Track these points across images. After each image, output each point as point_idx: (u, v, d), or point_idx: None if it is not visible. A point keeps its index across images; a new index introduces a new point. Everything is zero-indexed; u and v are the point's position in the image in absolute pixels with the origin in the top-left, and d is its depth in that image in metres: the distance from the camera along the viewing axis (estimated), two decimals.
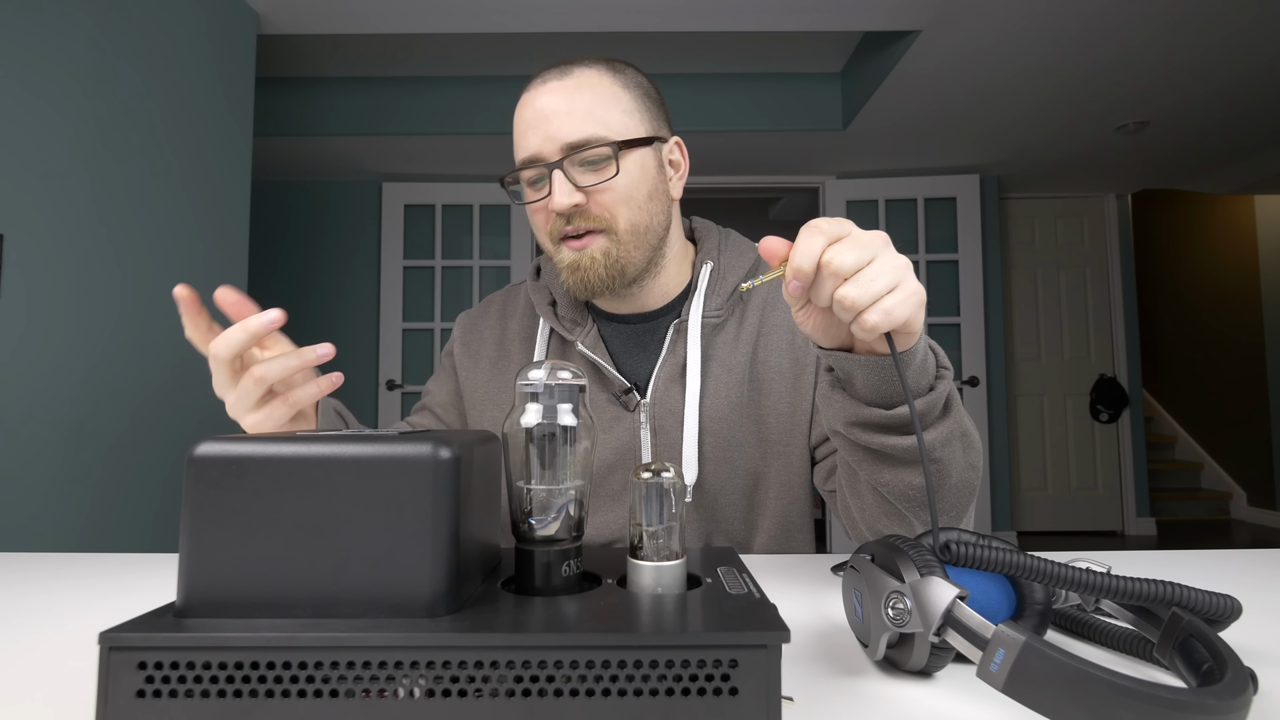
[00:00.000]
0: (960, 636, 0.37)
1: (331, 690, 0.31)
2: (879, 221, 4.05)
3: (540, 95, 0.74)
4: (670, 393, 0.80)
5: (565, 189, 0.72)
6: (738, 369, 0.81)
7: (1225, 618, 0.41)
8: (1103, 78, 2.89)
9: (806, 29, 2.63)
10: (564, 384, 0.40)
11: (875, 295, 0.48)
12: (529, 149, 0.74)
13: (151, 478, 1.85)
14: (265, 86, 3.25)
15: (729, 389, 0.80)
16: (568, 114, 0.73)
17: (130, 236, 1.82)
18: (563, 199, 0.72)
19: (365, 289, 4.06)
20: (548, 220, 0.76)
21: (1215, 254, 5.04)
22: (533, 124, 0.74)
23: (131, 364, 1.81)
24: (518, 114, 0.77)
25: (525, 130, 0.75)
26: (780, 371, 0.81)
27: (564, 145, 0.72)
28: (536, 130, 0.73)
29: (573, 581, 0.39)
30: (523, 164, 0.75)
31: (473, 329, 0.91)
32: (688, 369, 0.79)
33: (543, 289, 0.88)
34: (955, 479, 0.60)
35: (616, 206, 0.74)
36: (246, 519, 0.34)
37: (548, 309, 0.85)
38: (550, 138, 0.73)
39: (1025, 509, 4.36)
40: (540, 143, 0.73)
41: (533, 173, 0.75)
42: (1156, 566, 0.71)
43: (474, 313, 0.94)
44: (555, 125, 0.73)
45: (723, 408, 0.79)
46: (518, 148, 0.76)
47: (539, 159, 0.74)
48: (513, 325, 0.89)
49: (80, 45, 1.71)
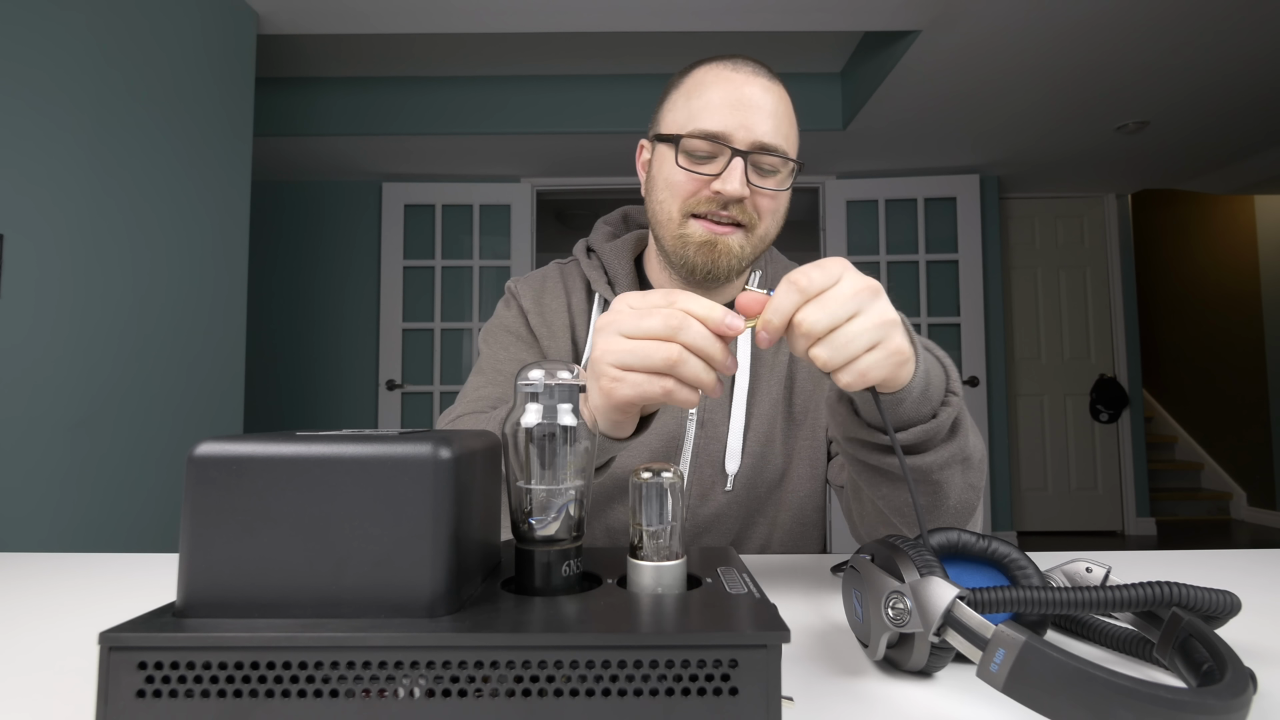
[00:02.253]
0: (960, 637, 0.37)
1: (331, 690, 0.31)
2: (879, 221, 4.06)
3: (744, 84, 0.75)
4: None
5: (743, 179, 0.73)
6: (779, 367, 0.85)
7: (1224, 614, 0.41)
8: (1103, 78, 2.89)
9: (806, 29, 2.63)
10: (564, 384, 0.40)
11: (849, 356, 0.46)
12: (718, 124, 0.74)
13: (152, 478, 1.85)
14: (265, 86, 3.25)
15: (770, 388, 0.84)
16: (770, 114, 0.74)
17: (130, 236, 1.82)
18: (739, 187, 0.73)
19: (365, 289, 4.06)
20: (696, 193, 0.76)
21: (1215, 254, 5.04)
22: (732, 106, 0.74)
23: (131, 364, 1.81)
24: (705, 84, 0.76)
25: (720, 106, 0.74)
26: (811, 372, 0.86)
27: (757, 143, 0.73)
28: (735, 114, 0.74)
29: (573, 581, 0.39)
30: (706, 135, 0.74)
31: (541, 300, 0.89)
32: (739, 365, 0.81)
33: (597, 268, 0.88)
34: (954, 500, 0.60)
35: (767, 215, 0.77)
36: (246, 519, 0.34)
37: (606, 287, 0.86)
38: (747, 127, 0.73)
39: (1025, 509, 4.36)
40: (734, 127, 0.73)
41: (709, 147, 0.75)
42: (1156, 566, 0.71)
43: (533, 283, 0.91)
44: (755, 119, 0.74)
45: (764, 404, 0.83)
46: (698, 116, 0.75)
47: (726, 139, 0.74)
48: (575, 301, 0.88)
49: (79, 45, 1.71)
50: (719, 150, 0.74)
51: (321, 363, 4.04)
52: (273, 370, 4.00)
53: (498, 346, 0.88)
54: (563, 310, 0.88)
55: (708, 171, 0.75)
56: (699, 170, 0.75)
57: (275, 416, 4.00)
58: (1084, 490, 4.39)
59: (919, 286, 4.06)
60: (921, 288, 4.05)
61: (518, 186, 4.04)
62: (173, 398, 1.93)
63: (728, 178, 0.73)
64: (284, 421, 4.00)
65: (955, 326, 4.05)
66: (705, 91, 0.76)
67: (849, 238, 4.05)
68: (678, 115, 0.77)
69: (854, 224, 4.07)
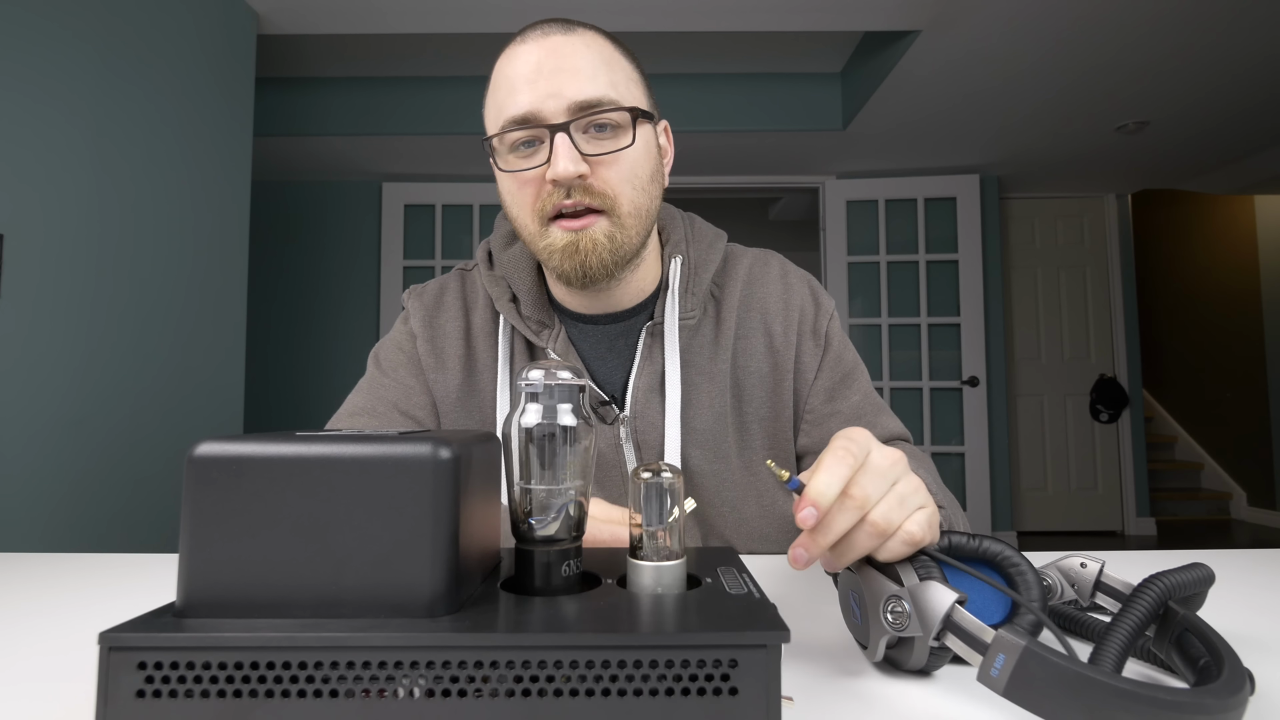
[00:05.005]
0: (960, 641, 0.37)
1: (331, 690, 0.31)
2: (879, 221, 4.06)
3: (539, 48, 0.65)
4: (650, 404, 0.74)
5: (572, 154, 0.62)
6: (720, 376, 0.75)
7: (1202, 586, 0.42)
8: (1103, 78, 2.89)
9: (806, 29, 2.63)
10: (564, 384, 0.40)
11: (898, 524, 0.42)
12: (523, 106, 0.64)
13: (151, 478, 1.85)
14: (265, 86, 3.25)
15: (711, 398, 0.75)
16: (579, 69, 0.63)
17: (130, 236, 1.82)
18: (570, 165, 0.62)
19: (365, 289, 4.06)
20: (538, 194, 0.66)
21: (1215, 254, 5.04)
22: (530, 79, 0.64)
23: (131, 364, 1.81)
24: (504, 69, 0.67)
25: (519, 85, 0.64)
26: (761, 376, 0.78)
27: (573, 104, 0.63)
28: (536, 86, 0.63)
29: (573, 581, 0.39)
30: (514, 123, 0.64)
31: (433, 321, 0.79)
32: (667, 378, 0.73)
33: (499, 281, 0.77)
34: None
35: (620, 184, 0.66)
36: (246, 519, 0.34)
37: (509, 306, 0.75)
38: (555, 94, 0.63)
39: (1025, 509, 4.36)
40: (540, 100, 0.63)
41: (525, 134, 0.65)
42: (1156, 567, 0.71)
43: (428, 300, 0.80)
44: (561, 81, 0.63)
45: (706, 418, 0.75)
46: (503, 107, 0.65)
47: (537, 118, 0.63)
48: (476, 319, 0.78)
49: (80, 45, 1.71)
50: (539, 134, 0.64)
51: (321, 363, 4.04)
52: (273, 370, 4.00)
53: (388, 368, 0.79)
54: (459, 334, 0.78)
55: (536, 163, 0.65)
56: (531, 165, 0.65)
57: (275, 416, 4.00)
58: (1084, 490, 4.39)
59: (919, 286, 4.06)
60: (921, 288, 4.05)
61: None
62: (172, 397, 1.93)
63: (554, 160, 0.62)
64: (284, 421, 4.00)
65: (955, 326, 4.05)
66: (503, 78, 0.66)
67: (849, 238, 4.05)
68: (490, 118, 0.69)
69: (854, 224, 4.07)
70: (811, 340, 0.79)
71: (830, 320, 0.81)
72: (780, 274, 0.82)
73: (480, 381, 0.77)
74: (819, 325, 0.80)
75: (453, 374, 0.77)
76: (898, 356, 4.08)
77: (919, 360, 4.06)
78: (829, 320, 0.81)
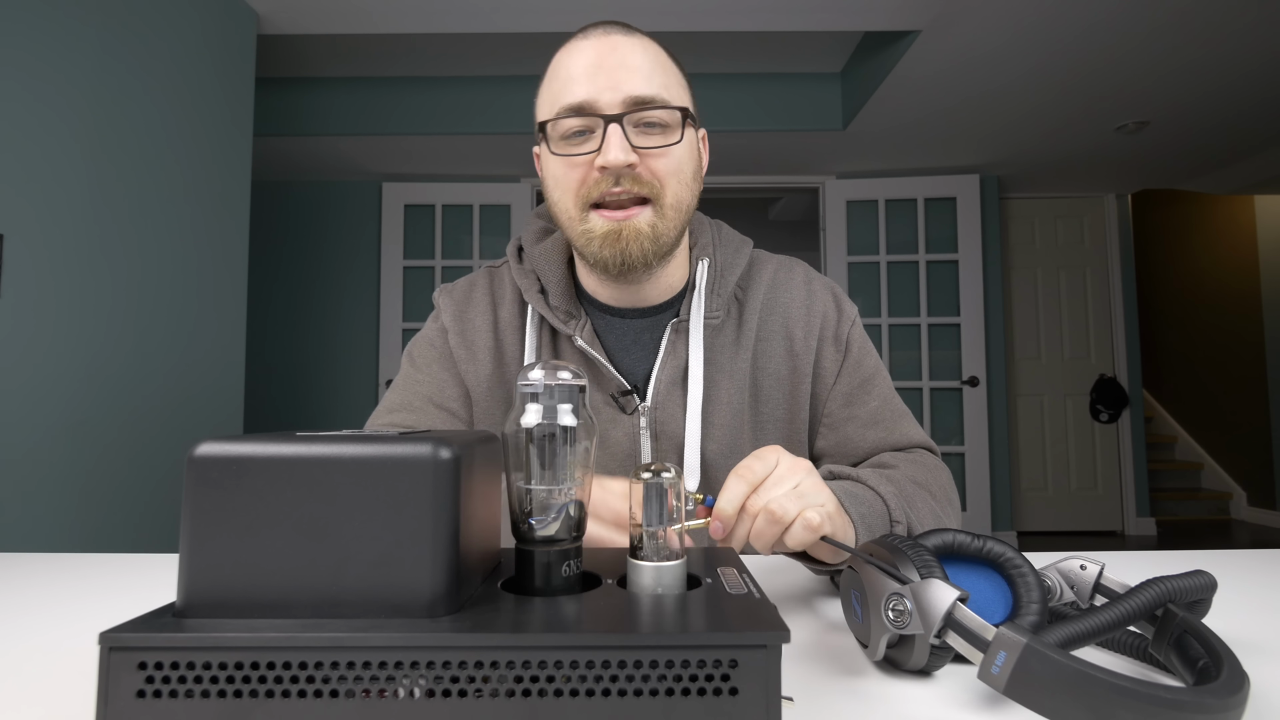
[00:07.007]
0: (961, 639, 0.37)
1: (331, 690, 0.31)
2: (879, 221, 4.06)
3: (601, 44, 0.69)
4: (672, 396, 0.76)
5: (624, 144, 0.66)
6: (740, 375, 0.78)
7: (1205, 593, 0.42)
8: (1103, 78, 2.89)
9: (807, 29, 2.63)
10: (564, 384, 0.40)
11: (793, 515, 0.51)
12: (580, 95, 0.67)
13: (150, 478, 1.85)
14: (265, 86, 3.25)
15: (731, 395, 0.77)
16: (637, 67, 0.67)
17: (129, 237, 1.82)
18: (621, 154, 0.66)
19: (365, 289, 4.06)
20: (584, 180, 0.69)
21: (1215, 254, 5.04)
22: (589, 72, 0.67)
23: (131, 364, 1.81)
24: (563, 61, 0.70)
25: (578, 77, 0.68)
26: (779, 378, 0.80)
27: (629, 99, 0.67)
28: (595, 79, 0.67)
29: (573, 581, 0.39)
30: (570, 110, 0.67)
31: (463, 316, 0.82)
32: (690, 373, 0.75)
33: (529, 274, 0.80)
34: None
35: (667, 177, 0.69)
36: (246, 519, 0.34)
37: (538, 296, 0.78)
38: (613, 87, 0.66)
39: (1025, 509, 4.36)
40: (598, 91, 0.67)
41: (579, 123, 0.68)
42: (1156, 567, 0.71)
43: (458, 296, 0.84)
44: (620, 76, 0.67)
45: (725, 414, 0.77)
46: (560, 95, 0.69)
47: (592, 108, 0.67)
48: (503, 314, 0.82)
49: (79, 46, 1.71)
50: (592, 124, 0.68)
51: (321, 363, 4.04)
52: (272, 370, 4.00)
53: (421, 363, 0.82)
54: (487, 328, 0.81)
55: (587, 150, 0.68)
56: (577, 151, 0.68)
57: (275, 416, 4.00)
58: (1084, 490, 4.39)
59: (919, 286, 4.06)
60: (921, 288, 4.05)
61: (518, 186, 4.04)
62: (172, 397, 1.93)
63: (606, 148, 0.66)
64: (284, 422, 4.00)
65: (955, 326, 4.06)
66: (562, 69, 0.70)
67: (849, 238, 4.06)
68: (544, 105, 0.72)
69: (854, 224, 4.07)
70: (832, 346, 0.82)
71: (853, 326, 0.83)
72: (804, 280, 0.85)
73: (509, 372, 0.80)
74: (840, 331, 0.82)
75: (483, 364, 0.80)
76: (898, 356, 4.08)
77: (919, 360, 4.07)
78: (851, 326, 0.83)
